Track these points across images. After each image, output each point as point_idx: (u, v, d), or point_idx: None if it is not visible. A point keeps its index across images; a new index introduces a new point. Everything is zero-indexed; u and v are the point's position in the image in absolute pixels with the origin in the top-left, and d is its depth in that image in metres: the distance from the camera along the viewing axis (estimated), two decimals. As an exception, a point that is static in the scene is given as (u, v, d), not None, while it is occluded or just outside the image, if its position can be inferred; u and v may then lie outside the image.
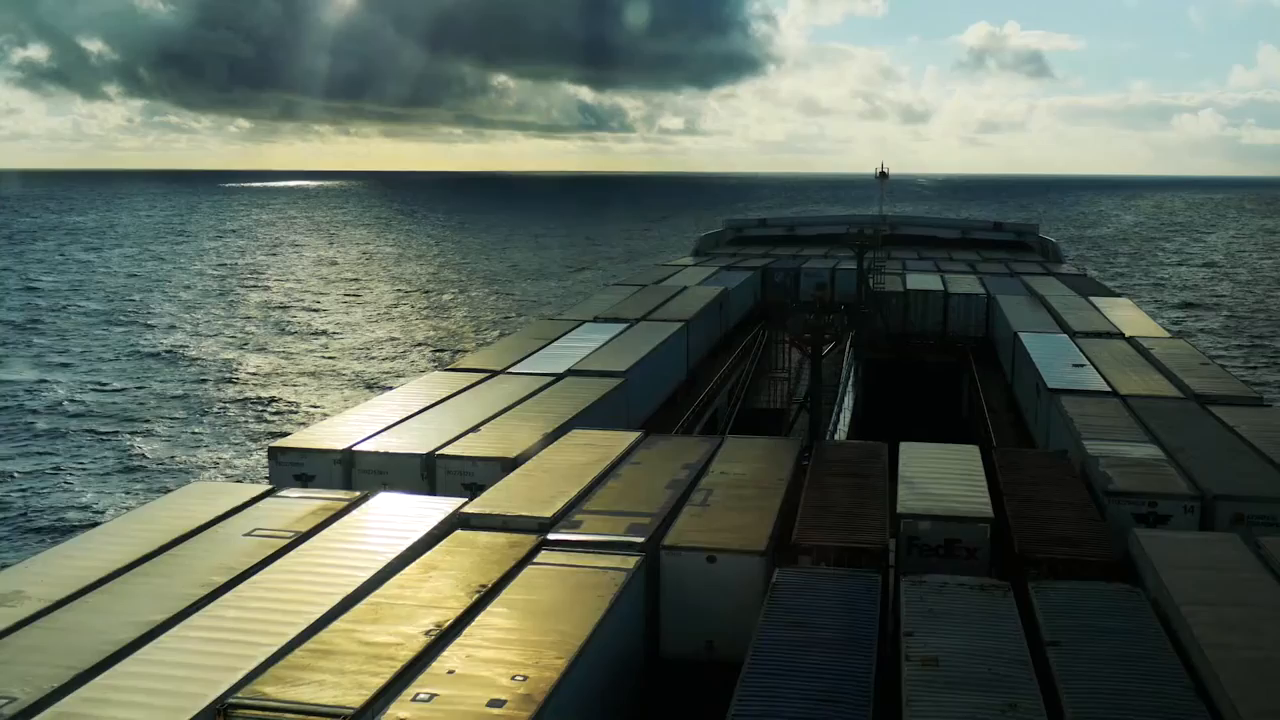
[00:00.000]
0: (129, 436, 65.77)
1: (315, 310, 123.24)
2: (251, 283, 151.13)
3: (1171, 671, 15.18)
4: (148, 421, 69.56)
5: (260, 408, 73.93)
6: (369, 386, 79.49)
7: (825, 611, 16.93)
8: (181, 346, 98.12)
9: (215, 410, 73.00)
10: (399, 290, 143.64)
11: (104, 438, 65.46)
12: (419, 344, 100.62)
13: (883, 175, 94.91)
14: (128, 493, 55.06)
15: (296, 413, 72.28)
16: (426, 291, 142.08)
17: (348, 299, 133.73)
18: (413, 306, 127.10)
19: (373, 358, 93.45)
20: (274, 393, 78.66)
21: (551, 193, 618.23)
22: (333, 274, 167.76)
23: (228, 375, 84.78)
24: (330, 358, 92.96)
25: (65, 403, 74.43)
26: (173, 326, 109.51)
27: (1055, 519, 21.41)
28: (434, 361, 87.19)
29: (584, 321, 45.05)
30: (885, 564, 19.82)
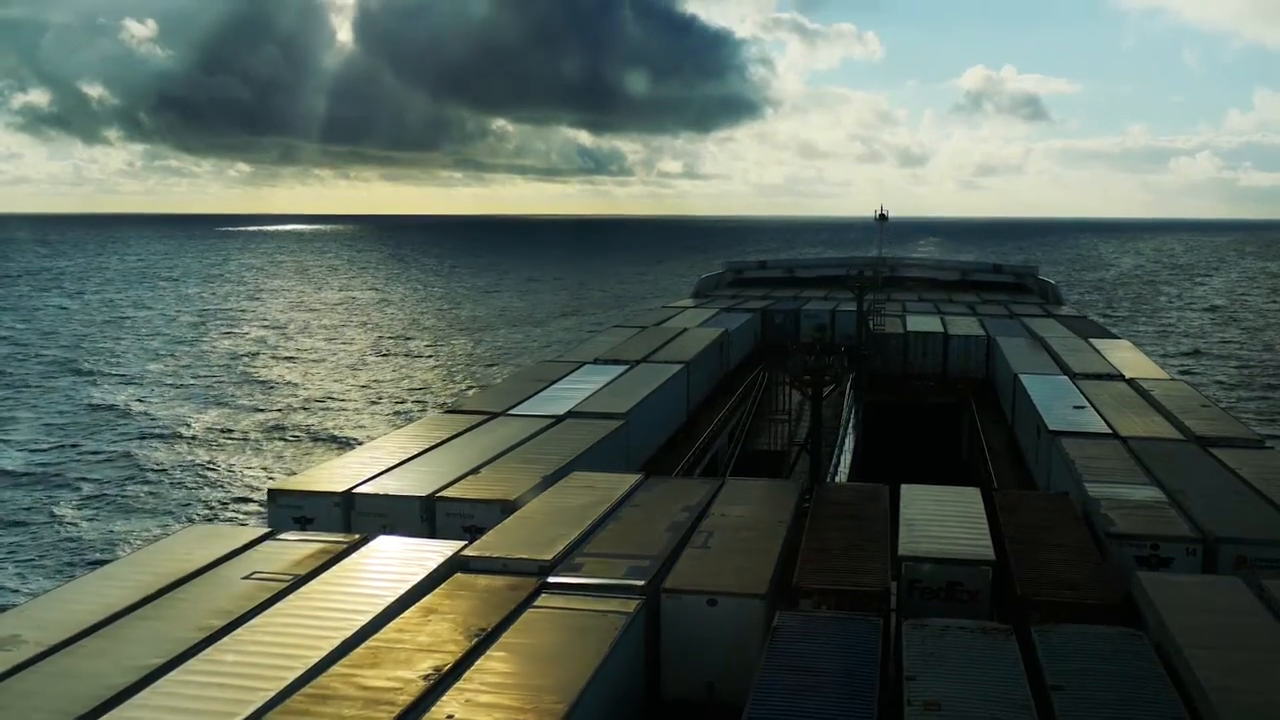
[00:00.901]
0: (127, 480, 65.56)
1: (312, 353, 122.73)
2: (249, 326, 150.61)
3: (1175, 715, 15.06)
4: (146, 465, 69.36)
5: (259, 450, 73.72)
6: (368, 429, 79.35)
7: (826, 655, 16.82)
8: (179, 389, 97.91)
9: (213, 453, 72.75)
10: (399, 333, 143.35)
11: (102, 481, 65.25)
12: (418, 386, 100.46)
13: (882, 218, 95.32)
14: (126, 536, 54.82)
15: (295, 455, 72.05)
16: (426, 334, 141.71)
17: (344, 342, 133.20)
18: (413, 349, 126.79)
19: (372, 400, 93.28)
20: (273, 435, 78.43)
21: (551, 236, 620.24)
22: (328, 317, 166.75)
23: (226, 418, 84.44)
24: (329, 400, 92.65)
25: (62, 447, 74.21)
26: (172, 368, 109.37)
27: (1057, 561, 21.31)
28: (434, 404, 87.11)
29: (584, 363, 45.08)
30: (886, 607, 19.71)
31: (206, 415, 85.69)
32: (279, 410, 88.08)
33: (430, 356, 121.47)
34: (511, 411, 35.44)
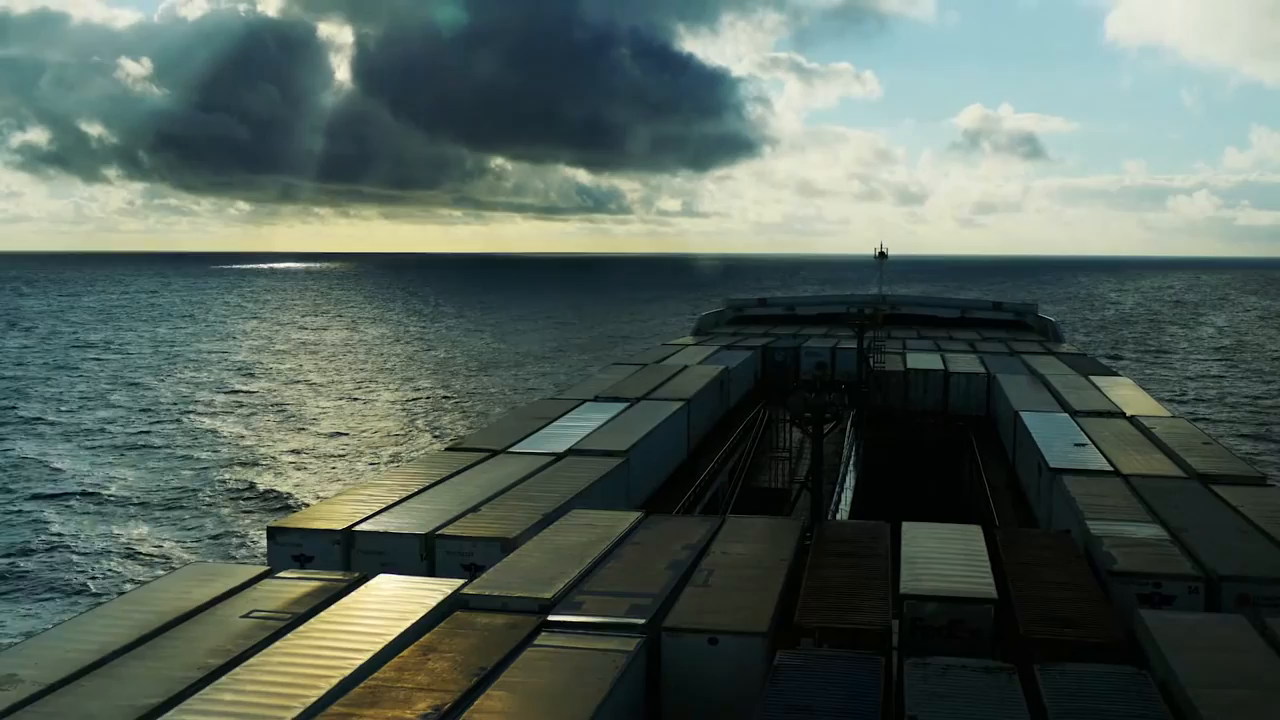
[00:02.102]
0: (123, 519, 65.36)
1: (314, 390, 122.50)
2: (248, 363, 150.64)
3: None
4: (143, 503, 69.19)
5: (257, 488, 73.55)
6: (368, 467, 79.23)
7: (828, 694, 16.71)
8: (178, 424, 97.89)
9: (211, 491, 72.59)
10: (398, 370, 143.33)
11: (99, 519, 65.06)
12: (418, 424, 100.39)
13: (882, 255, 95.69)
14: (123, 574, 54.59)
15: (294, 493, 71.89)
16: (424, 371, 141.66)
17: (344, 380, 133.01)
18: (412, 386, 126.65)
19: (371, 438, 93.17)
20: (271, 473, 78.29)
21: (551, 274, 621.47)
22: (327, 354, 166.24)
23: (223, 456, 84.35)
24: (327, 438, 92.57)
25: (58, 484, 74.07)
26: (172, 403, 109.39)
27: (1059, 599, 21.22)
28: (433, 442, 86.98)
29: (584, 401, 45.08)
30: (888, 645, 19.62)
31: (202, 454, 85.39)
32: (276, 448, 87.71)
33: (429, 394, 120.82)
34: (511, 449, 35.42)
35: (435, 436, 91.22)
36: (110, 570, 55.56)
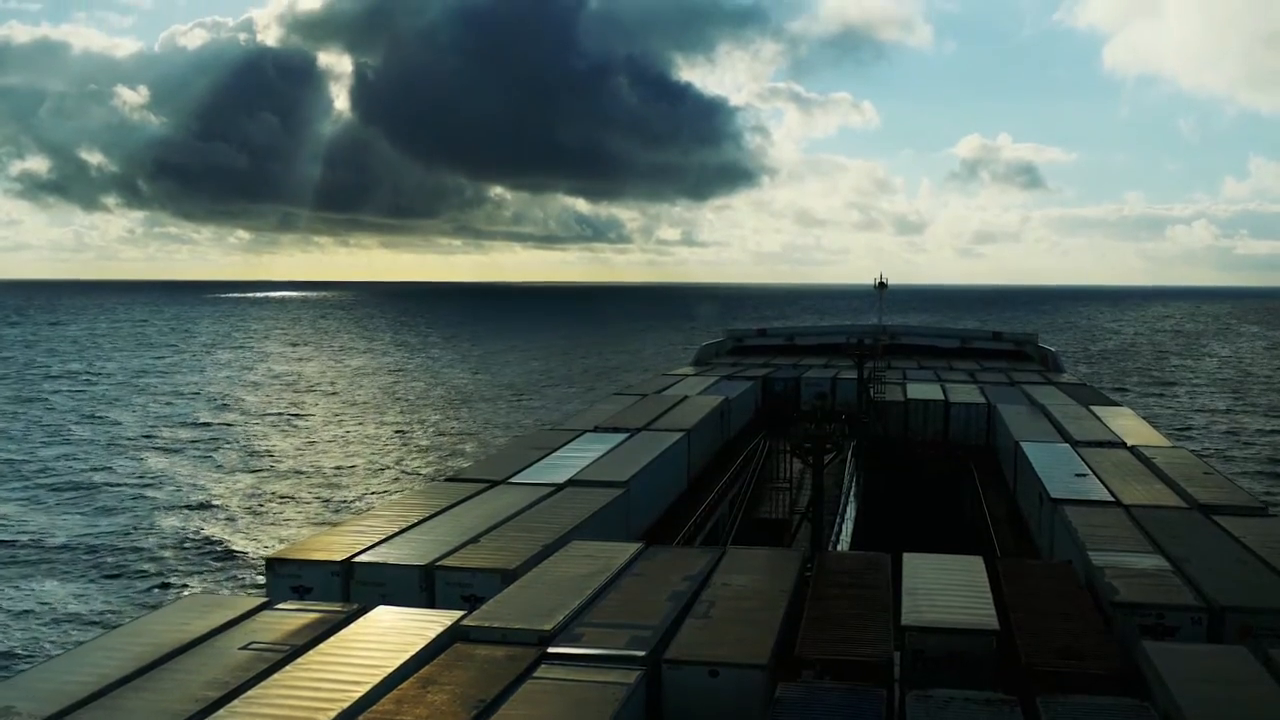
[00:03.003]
0: (122, 549, 65.12)
1: (310, 420, 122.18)
2: (245, 393, 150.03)
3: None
4: (141, 533, 68.95)
5: (255, 518, 73.32)
6: (367, 497, 79.02)
7: (830, 727, 16.60)
8: (174, 455, 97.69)
9: (210, 522, 72.33)
10: (397, 400, 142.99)
11: (97, 550, 64.82)
12: (418, 454, 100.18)
13: (881, 285, 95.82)
14: (122, 605, 54.34)
15: (293, 523, 71.65)
16: (424, 401, 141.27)
17: (344, 410, 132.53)
18: (412, 416, 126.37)
19: (370, 468, 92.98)
20: (269, 504, 78.05)
21: (551, 303, 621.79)
22: (326, 384, 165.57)
23: (221, 487, 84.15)
24: (326, 469, 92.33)
25: (58, 515, 73.86)
26: (168, 434, 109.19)
27: (1061, 631, 21.13)
28: (432, 472, 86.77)
29: (585, 431, 45.02)
30: (890, 677, 19.51)
31: (201, 484, 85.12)
32: (275, 478, 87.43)
33: (429, 424, 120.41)
34: (511, 480, 35.34)
35: (430, 468, 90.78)
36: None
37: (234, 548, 65.61)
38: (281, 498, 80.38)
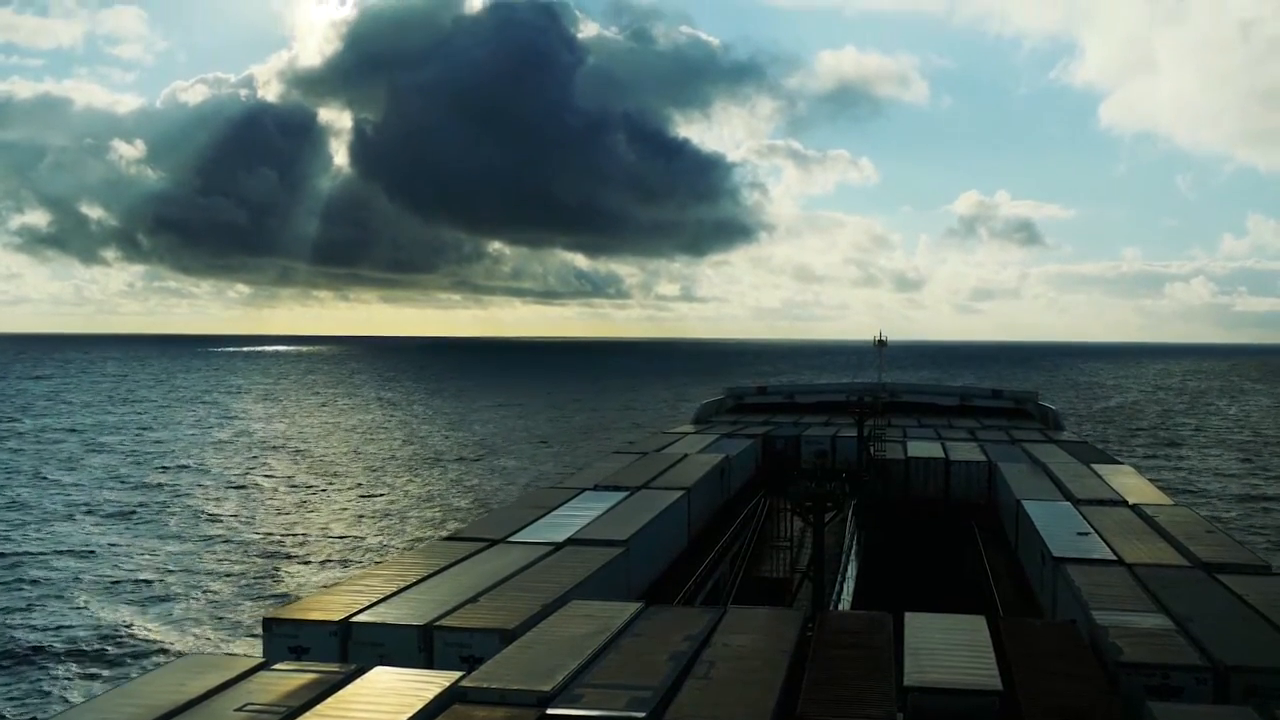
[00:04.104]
0: (117, 607, 64.62)
1: (306, 478, 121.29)
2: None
3: None
4: (137, 592, 68.48)
5: (252, 577, 72.81)
6: (364, 556, 78.53)
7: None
8: (169, 511, 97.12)
9: (206, 580, 71.81)
10: (395, 457, 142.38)
11: (90, 607, 64.30)
12: (415, 512, 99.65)
13: (881, 343, 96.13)
14: (117, 666, 53.82)
15: (290, 583, 71.14)
16: (423, 458, 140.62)
17: (340, 466, 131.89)
18: (411, 474, 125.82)
19: (368, 527, 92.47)
20: (266, 562, 77.51)
21: (551, 358, 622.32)
22: (325, 440, 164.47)
23: (219, 544, 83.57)
24: (323, 527, 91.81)
25: (51, 571, 73.35)
26: (162, 490, 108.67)
27: (1065, 691, 20.94)
28: (431, 530, 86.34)
29: (584, 489, 44.91)
30: (893, 739, 19.29)
31: (196, 541, 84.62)
32: (272, 537, 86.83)
33: (428, 481, 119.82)
34: (510, 538, 35.20)
35: (427, 526, 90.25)
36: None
37: (149, 634, 59.97)
38: (215, 575, 74.04)
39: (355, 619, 25.39)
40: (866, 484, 53.02)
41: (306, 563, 77.91)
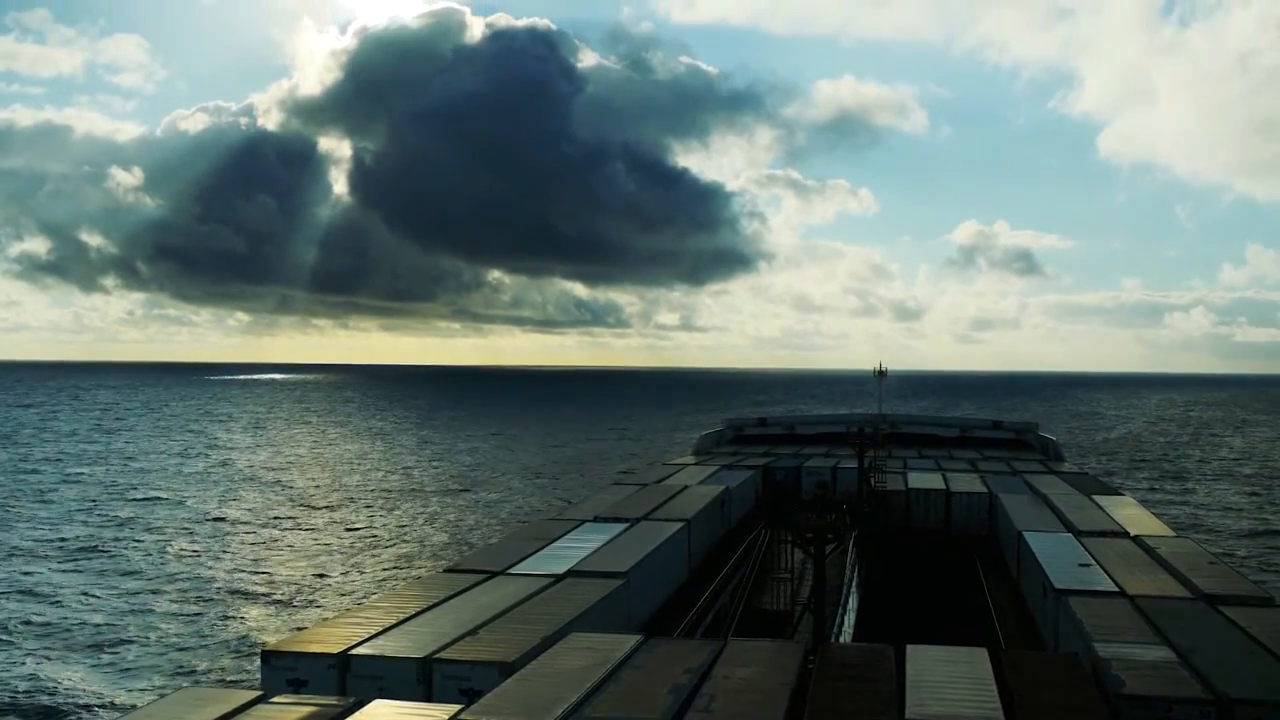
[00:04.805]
0: (112, 639, 64.25)
1: (305, 507, 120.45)
2: (238, 478, 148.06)
3: None
4: (133, 622, 68.10)
5: (251, 608, 72.46)
6: (364, 587, 78.21)
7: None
8: (162, 540, 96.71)
9: (203, 611, 71.42)
10: (394, 487, 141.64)
11: (86, 639, 63.95)
12: (416, 543, 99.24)
13: (881, 374, 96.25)
14: (114, 699, 53.48)
15: (288, 614, 70.79)
16: (422, 488, 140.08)
17: (338, 495, 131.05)
18: (410, 504, 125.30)
19: (367, 558, 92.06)
20: (264, 593, 77.14)
21: (550, 387, 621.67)
22: (320, 467, 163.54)
23: (213, 574, 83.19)
24: (322, 557, 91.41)
25: (44, 601, 72.97)
26: (157, 518, 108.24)
27: None
28: (431, 561, 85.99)
29: (584, 521, 44.84)
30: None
31: (193, 571, 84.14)
32: (269, 568, 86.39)
33: (427, 511, 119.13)
34: (510, 570, 35.11)
35: (423, 557, 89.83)
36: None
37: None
38: (167, 616, 70.94)
39: (354, 651, 25.28)
40: (867, 515, 52.91)
41: (255, 600, 75.05)
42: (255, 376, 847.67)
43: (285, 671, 25.01)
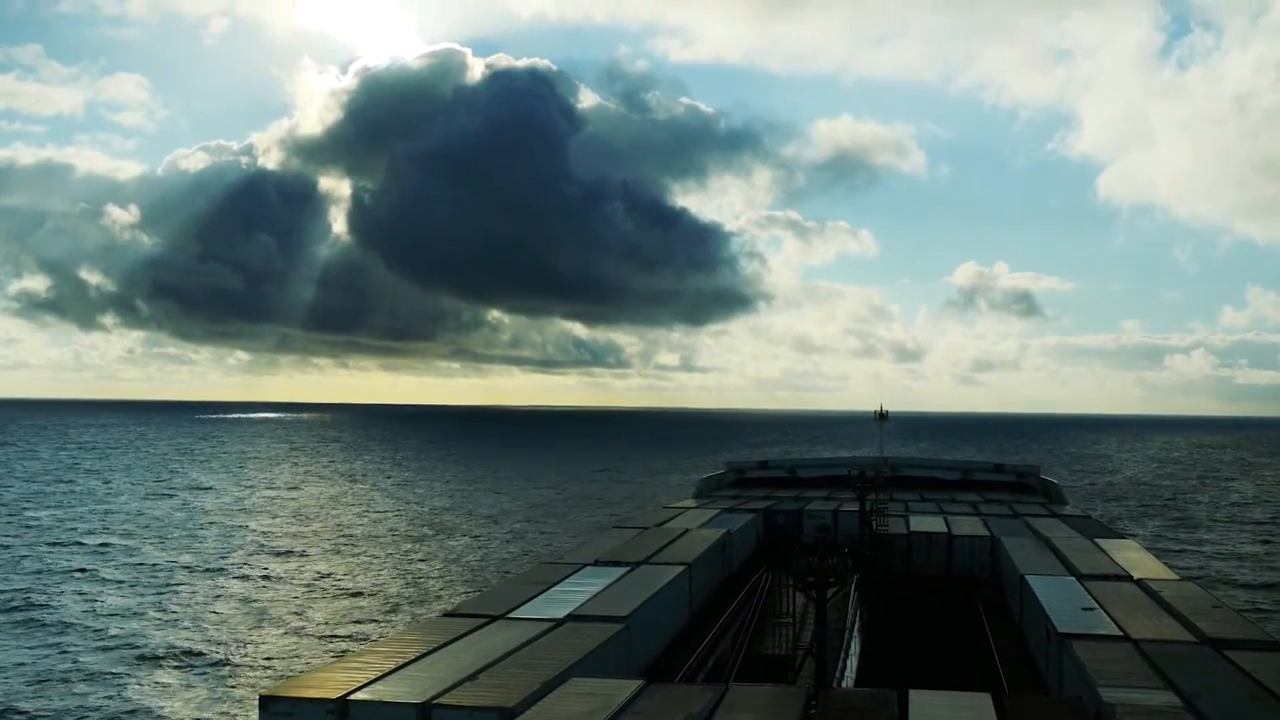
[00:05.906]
0: (107, 683, 63.78)
1: (300, 551, 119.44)
2: (234, 520, 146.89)
3: None
4: (126, 666, 67.62)
5: (247, 653, 71.97)
6: (362, 632, 77.69)
7: None
8: (158, 582, 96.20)
9: (198, 655, 70.95)
10: (393, 530, 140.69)
11: (81, 684, 63.47)
12: (413, 587, 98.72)
13: (882, 416, 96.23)
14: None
15: (285, 659, 70.31)
16: (422, 531, 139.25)
17: (334, 538, 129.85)
18: (409, 547, 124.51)
19: (365, 602, 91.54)
20: (261, 637, 76.64)
21: (550, 428, 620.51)
22: (318, 509, 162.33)
23: (210, 618, 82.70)
24: (319, 602, 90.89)
25: (38, 645, 72.51)
26: (157, 559, 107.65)
27: None
28: (429, 605, 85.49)
29: (584, 565, 44.67)
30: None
31: (189, 614, 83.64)
32: (266, 612, 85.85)
33: (426, 555, 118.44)
34: (510, 615, 34.92)
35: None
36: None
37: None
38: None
39: (352, 697, 25.08)
40: (869, 559, 52.69)
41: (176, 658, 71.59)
42: (248, 415, 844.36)
43: (283, 718, 24.79)
